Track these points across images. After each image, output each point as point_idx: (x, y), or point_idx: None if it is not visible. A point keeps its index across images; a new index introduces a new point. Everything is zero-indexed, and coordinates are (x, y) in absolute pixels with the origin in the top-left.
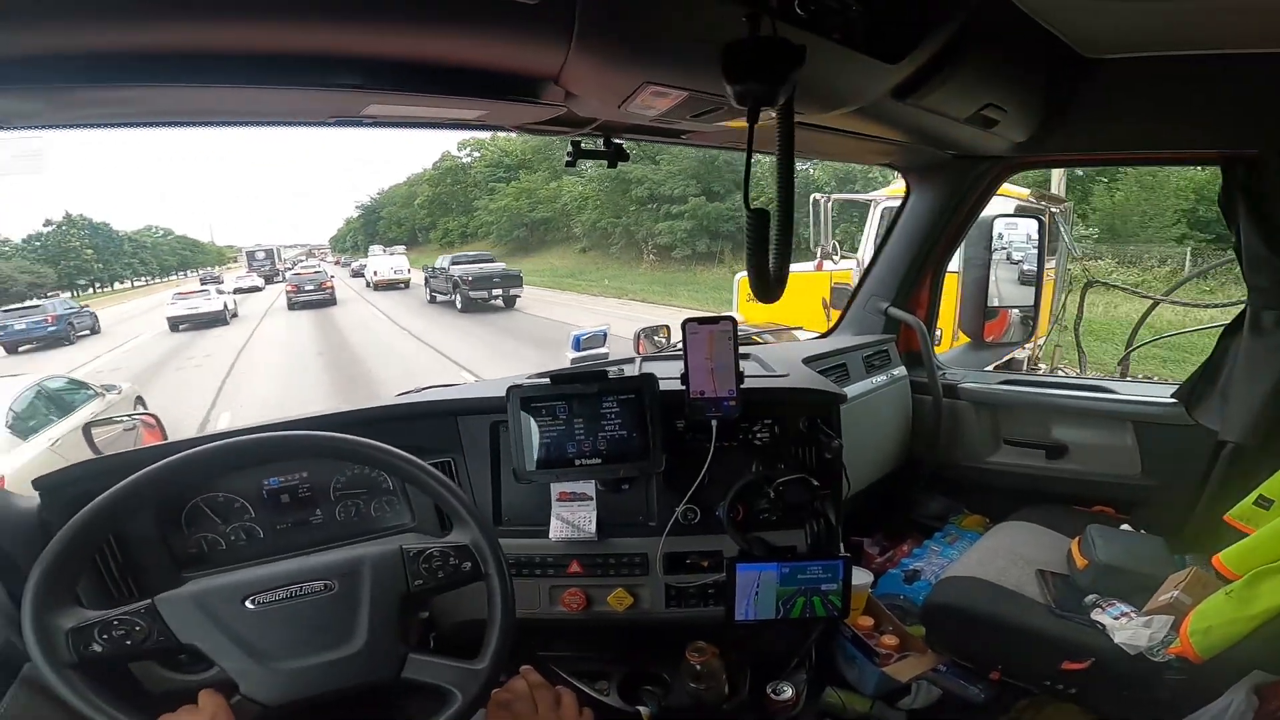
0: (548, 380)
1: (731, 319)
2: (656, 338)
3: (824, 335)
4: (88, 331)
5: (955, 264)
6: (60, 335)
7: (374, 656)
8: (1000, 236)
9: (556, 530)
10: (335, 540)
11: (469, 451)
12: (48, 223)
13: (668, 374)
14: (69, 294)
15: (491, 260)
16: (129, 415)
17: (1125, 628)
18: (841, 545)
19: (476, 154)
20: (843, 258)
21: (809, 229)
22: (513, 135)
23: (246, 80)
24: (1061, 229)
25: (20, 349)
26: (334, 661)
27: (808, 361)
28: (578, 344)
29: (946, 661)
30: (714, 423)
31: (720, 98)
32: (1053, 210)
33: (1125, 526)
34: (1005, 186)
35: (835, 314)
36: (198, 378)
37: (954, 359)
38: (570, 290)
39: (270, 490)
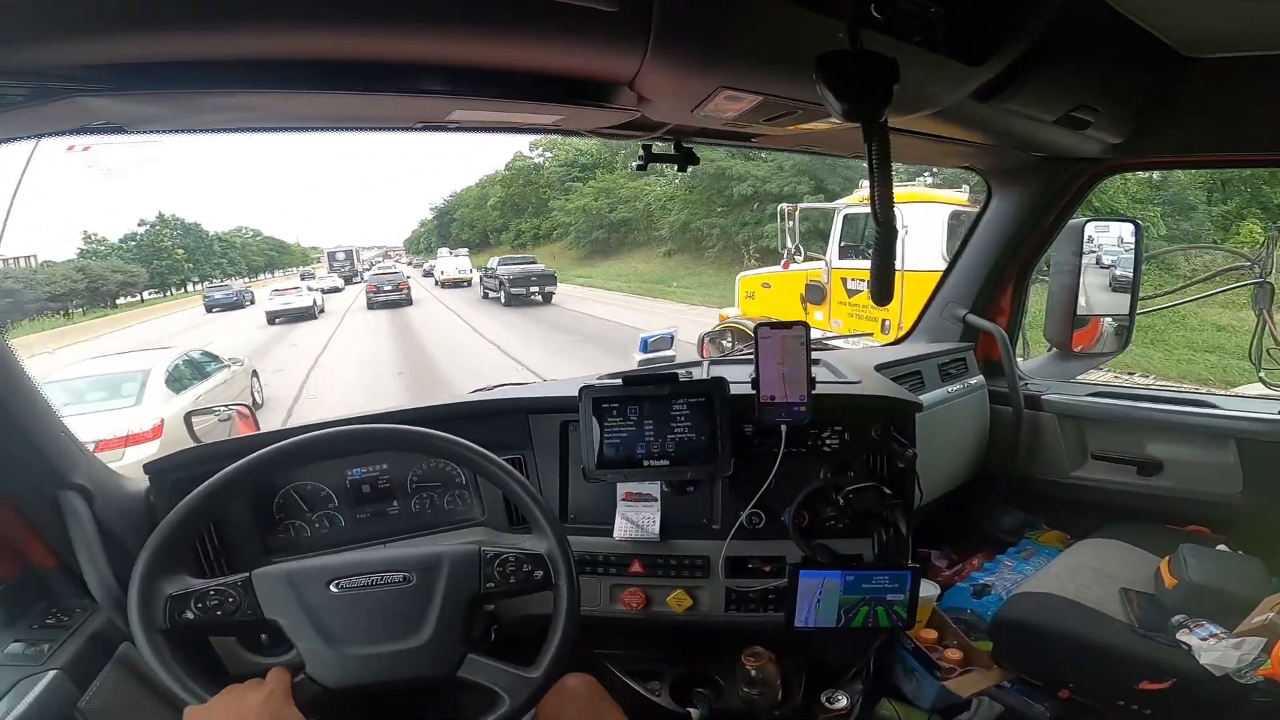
0: (619, 381)
1: (805, 324)
2: (723, 341)
3: (896, 342)
4: (250, 302)
5: None
6: (238, 303)
7: (436, 652)
8: (1090, 240)
9: (621, 530)
10: (410, 531)
11: (539, 449)
12: (142, 223)
13: (736, 378)
14: (161, 292)
15: (533, 262)
16: (225, 405)
17: (1213, 649)
18: (910, 556)
19: (549, 154)
20: (807, 259)
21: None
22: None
23: (344, 87)
24: None
25: (213, 310)
26: (398, 652)
27: (880, 368)
28: (645, 346)
29: (1012, 678)
30: (783, 428)
31: (794, 101)
32: None
33: (1222, 547)
34: (939, 193)
35: (811, 307)
36: (296, 357)
37: (1037, 369)
38: (663, 298)
39: (353, 481)
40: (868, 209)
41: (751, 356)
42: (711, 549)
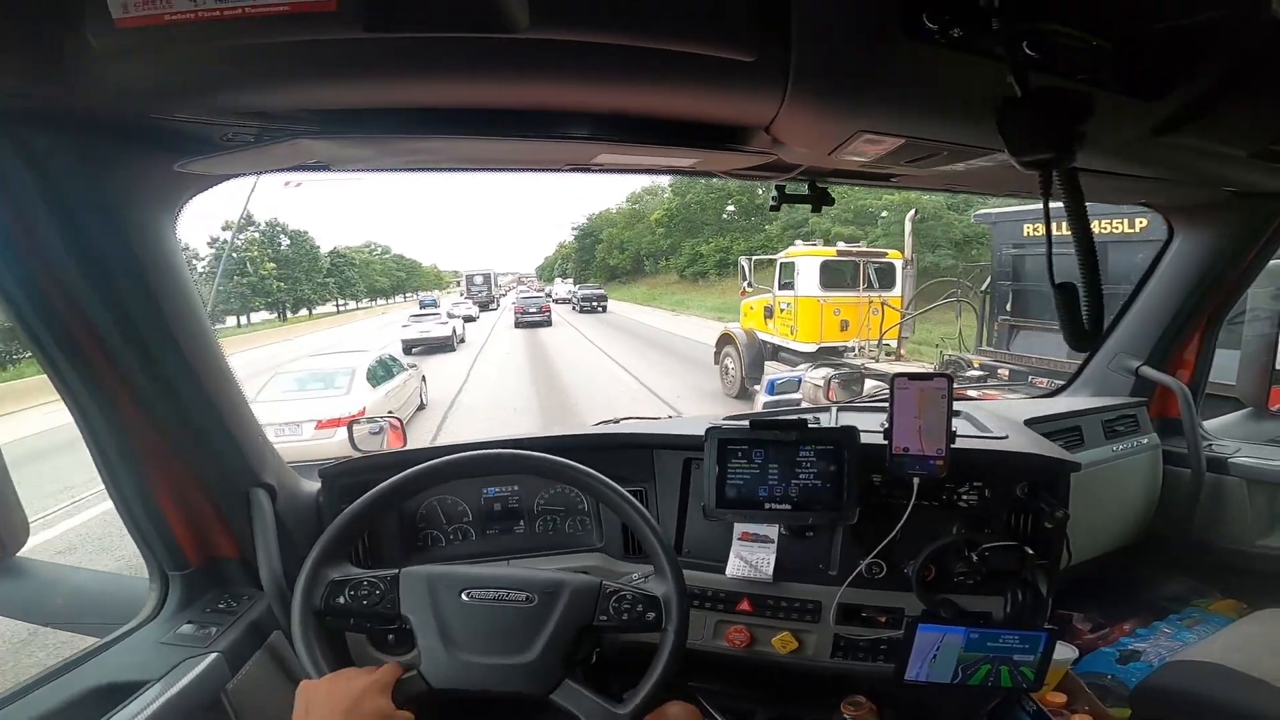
0: (746, 424)
1: (947, 377)
2: (853, 386)
3: (1052, 395)
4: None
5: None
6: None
7: (536, 672)
8: None
9: (734, 568)
10: (533, 550)
11: (660, 483)
12: (227, 225)
13: (867, 426)
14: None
15: (598, 289)
16: (381, 417)
17: None
18: (1049, 618)
19: None
20: (755, 290)
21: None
22: None
23: (508, 133)
24: (871, 272)
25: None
26: (503, 665)
27: (1031, 423)
28: (772, 388)
29: None
30: (915, 481)
31: (938, 143)
32: (871, 262)
33: None
34: (816, 249)
35: (767, 319)
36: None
37: (1224, 429)
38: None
39: (487, 499)
40: (797, 259)
41: (882, 404)
42: (825, 594)
